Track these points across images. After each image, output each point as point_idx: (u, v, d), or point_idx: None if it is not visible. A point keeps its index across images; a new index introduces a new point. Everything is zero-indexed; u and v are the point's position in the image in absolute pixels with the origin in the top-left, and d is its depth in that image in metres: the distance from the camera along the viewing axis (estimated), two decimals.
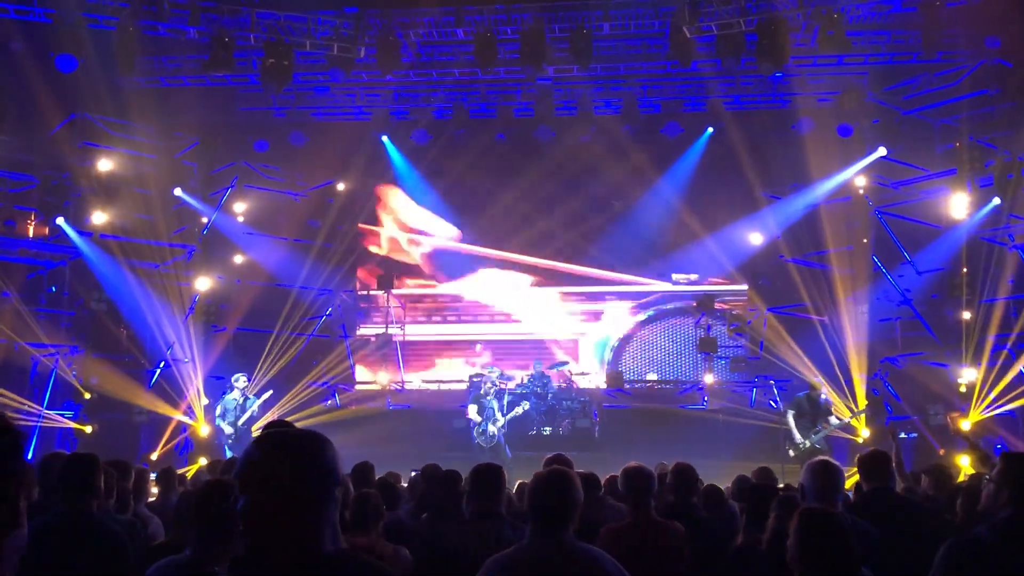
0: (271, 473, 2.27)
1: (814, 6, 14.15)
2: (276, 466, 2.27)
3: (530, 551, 3.61)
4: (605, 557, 3.61)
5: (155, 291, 17.06)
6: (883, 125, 16.80)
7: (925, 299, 16.75)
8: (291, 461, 2.29)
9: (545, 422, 16.39)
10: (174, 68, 16.59)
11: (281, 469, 2.27)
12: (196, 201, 17.79)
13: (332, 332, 19.34)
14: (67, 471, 4.64)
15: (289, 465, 2.28)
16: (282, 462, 2.28)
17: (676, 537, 4.95)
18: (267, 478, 2.26)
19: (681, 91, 18.07)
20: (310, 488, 2.29)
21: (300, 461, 2.30)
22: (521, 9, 15.15)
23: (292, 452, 2.31)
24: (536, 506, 3.66)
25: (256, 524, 2.26)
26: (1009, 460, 3.88)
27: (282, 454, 2.30)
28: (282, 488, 2.25)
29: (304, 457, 2.32)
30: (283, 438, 2.36)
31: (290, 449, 2.32)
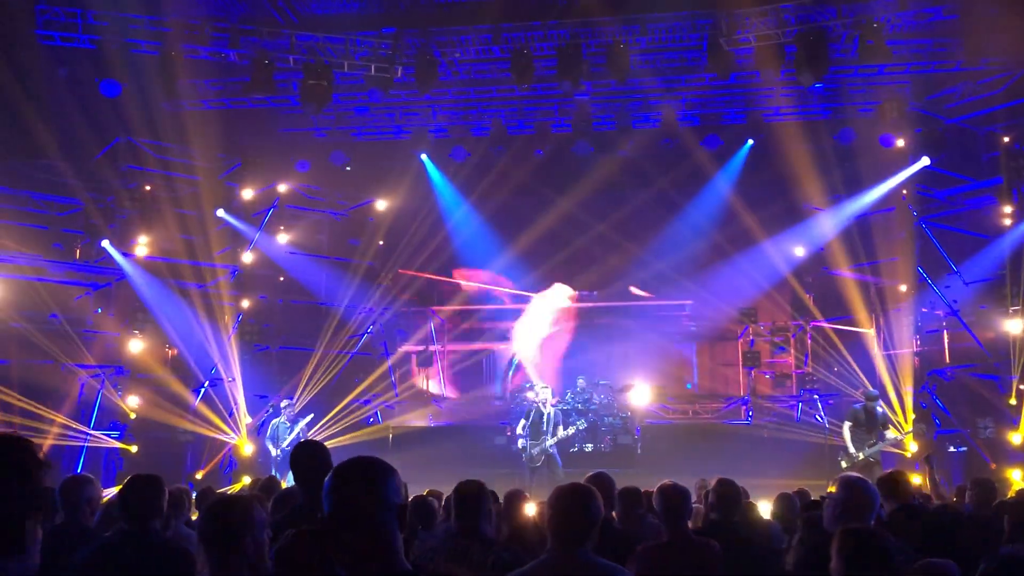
0: (356, 499, 2.52)
1: (853, 16, 14.02)
2: (359, 492, 2.53)
3: (547, 566, 3.59)
4: (625, 573, 3.58)
5: (199, 311, 17.26)
6: (926, 134, 16.56)
7: (973, 310, 16.44)
8: (370, 487, 2.54)
9: (587, 439, 16.30)
10: (216, 91, 16.83)
11: (363, 495, 2.52)
12: (239, 222, 18.00)
13: (374, 350, 19.43)
14: (132, 491, 4.65)
15: (368, 491, 2.53)
16: (363, 489, 2.53)
17: (712, 555, 4.88)
18: (353, 504, 2.51)
19: (720, 104, 17.96)
20: (388, 511, 2.53)
21: (376, 487, 2.54)
22: (557, 26, 15.18)
23: (369, 478, 2.56)
24: (554, 521, 3.65)
25: (343, 546, 2.49)
26: None
27: (361, 481, 2.55)
28: (367, 512, 2.50)
29: (379, 482, 2.56)
30: (358, 466, 2.60)
31: (367, 476, 2.57)
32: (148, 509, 4.61)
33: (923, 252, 16.99)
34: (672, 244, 19.55)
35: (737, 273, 19.37)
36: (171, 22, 14.62)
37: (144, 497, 4.63)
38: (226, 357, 17.17)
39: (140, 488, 4.66)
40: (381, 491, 2.53)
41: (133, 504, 4.59)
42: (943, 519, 5.31)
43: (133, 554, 4.39)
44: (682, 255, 19.59)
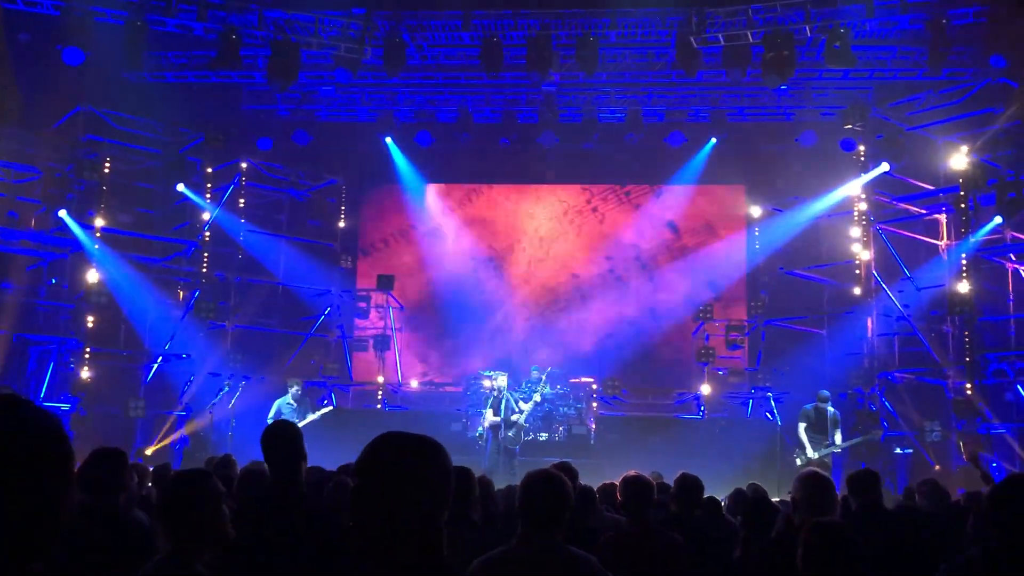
0: (408, 475, 2.25)
1: (821, 20, 14.21)
2: (414, 470, 2.26)
3: (519, 552, 3.61)
4: (594, 562, 3.63)
5: (155, 286, 17.06)
6: (887, 140, 16.82)
7: (924, 315, 16.76)
8: (426, 465, 2.28)
9: (541, 428, 16.37)
10: (180, 64, 16.62)
11: (415, 467, 2.26)
12: (199, 197, 17.78)
13: (330, 332, 19.33)
14: (94, 465, 4.60)
15: (426, 469, 2.28)
16: (420, 465, 2.27)
17: (675, 548, 4.96)
18: (403, 479, 2.24)
19: (686, 101, 18.14)
20: (441, 495, 2.29)
21: (433, 466, 2.30)
22: (528, 15, 15.21)
23: (425, 456, 2.30)
24: (527, 507, 3.66)
25: (380, 526, 2.23)
26: (1005, 485, 3.86)
27: (416, 457, 2.29)
28: (416, 492, 2.24)
29: (436, 462, 2.31)
30: (413, 441, 2.33)
31: (424, 454, 2.31)
32: (111, 483, 4.58)
33: (878, 256, 17.27)
34: (632, 237, 19.72)
35: (695, 270, 19.58)
36: None
37: (107, 471, 4.59)
38: (180, 333, 16.99)
39: (103, 461, 4.62)
40: (434, 465, 2.31)
41: (96, 478, 4.54)
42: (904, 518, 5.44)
43: (97, 529, 4.35)
44: (641, 249, 19.76)
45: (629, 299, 19.73)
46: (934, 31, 13.83)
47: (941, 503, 6.43)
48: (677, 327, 19.39)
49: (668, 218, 19.79)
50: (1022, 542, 3.60)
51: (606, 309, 19.72)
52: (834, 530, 3.60)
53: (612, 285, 19.82)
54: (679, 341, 19.29)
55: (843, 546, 3.52)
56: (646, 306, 19.65)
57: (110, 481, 4.60)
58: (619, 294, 19.72)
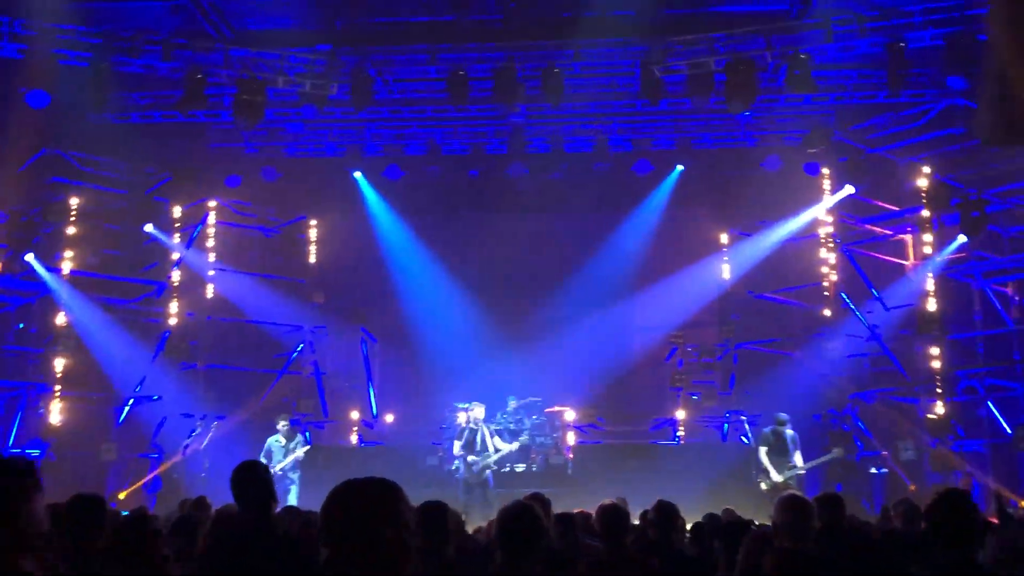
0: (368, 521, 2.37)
1: (781, 47, 14.40)
2: (378, 512, 2.39)
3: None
4: None
5: (125, 328, 16.93)
6: (850, 163, 17.08)
7: (894, 335, 16.94)
8: (383, 509, 2.41)
9: (519, 459, 16.33)
10: (146, 104, 16.56)
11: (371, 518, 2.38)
12: (167, 237, 17.72)
13: (303, 368, 19.22)
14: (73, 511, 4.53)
15: (383, 513, 2.40)
16: (384, 508, 2.41)
17: (652, 574, 4.96)
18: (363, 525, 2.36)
19: (651, 130, 18.29)
20: (399, 535, 2.39)
21: (391, 509, 2.42)
22: (493, 48, 15.30)
23: (380, 501, 2.43)
24: (503, 538, 3.76)
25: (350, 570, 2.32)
26: (938, 503, 3.85)
27: (373, 503, 2.42)
28: (379, 534, 2.35)
29: (390, 505, 2.44)
30: (367, 488, 2.46)
31: (378, 498, 2.44)
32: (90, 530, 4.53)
33: (846, 278, 17.45)
34: (604, 267, 19.78)
35: (666, 296, 19.66)
36: (102, 33, 14.39)
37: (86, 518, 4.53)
38: (151, 375, 16.85)
39: (82, 508, 4.57)
40: (393, 509, 2.44)
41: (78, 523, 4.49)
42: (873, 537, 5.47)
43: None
44: (613, 277, 19.81)
45: (603, 327, 19.72)
46: (892, 54, 14.05)
47: (915, 523, 6.46)
48: (650, 354, 19.44)
49: (637, 246, 19.86)
50: (960, 558, 3.64)
51: (581, 338, 19.70)
52: (794, 558, 3.63)
53: (585, 314, 19.82)
54: (653, 367, 19.34)
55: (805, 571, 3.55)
56: (619, 334, 19.68)
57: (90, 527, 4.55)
58: (593, 322, 19.72)
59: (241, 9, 15.30)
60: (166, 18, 15.26)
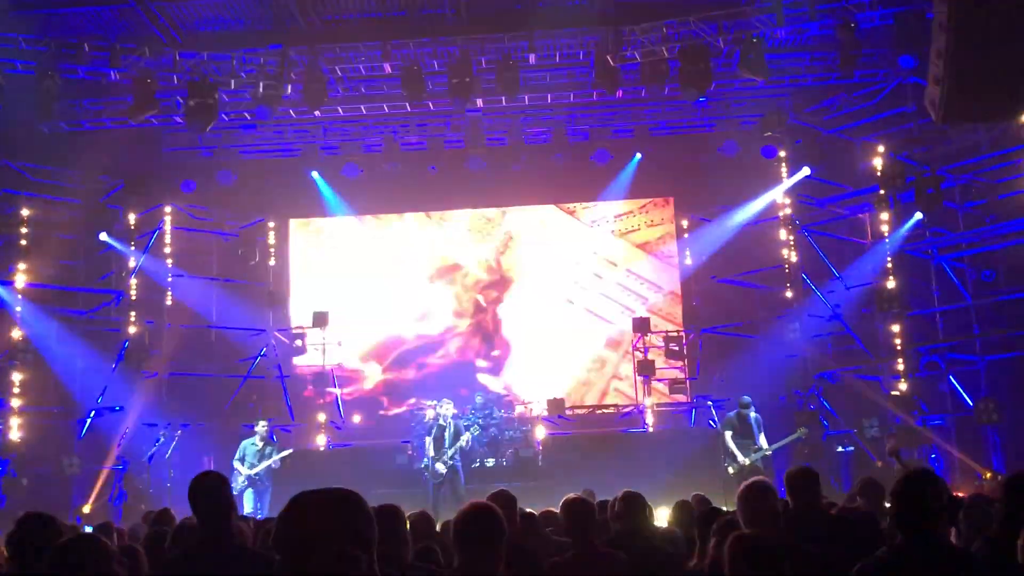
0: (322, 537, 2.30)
1: (734, 32, 14.44)
2: (333, 526, 2.31)
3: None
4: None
5: (83, 339, 16.68)
6: (806, 145, 17.20)
7: (855, 314, 17.07)
8: (344, 520, 2.34)
9: (488, 453, 16.28)
10: (96, 111, 16.34)
11: (328, 531, 2.31)
12: (123, 245, 17.46)
13: (267, 372, 19.02)
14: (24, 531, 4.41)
15: (337, 527, 2.32)
16: (339, 522, 2.33)
17: (620, 566, 4.93)
18: (318, 543, 2.29)
19: (608, 118, 18.33)
20: (357, 547, 2.33)
21: (343, 521, 2.34)
22: (447, 42, 15.23)
23: (341, 512, 2.36)
24: (461, 539, 3.73)
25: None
26: (900, 483, 3.88)
27: (331, 515, 2.34)
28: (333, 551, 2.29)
29: (347, 517, 2.36)
30: (320, 502, 2.38)
31: (333, 512, 2.36)
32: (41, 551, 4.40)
33: (806, 259, 17.57)
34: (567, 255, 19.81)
35: (629, 283, 19.70)
36: (47, 41, 14.14)
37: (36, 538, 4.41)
38: (112, 385, 16.61)
39: (33, 528, 4.44)
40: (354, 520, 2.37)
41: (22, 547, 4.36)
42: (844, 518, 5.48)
43: None
44: (576, 266, 19.83)
45: (569, 318, 19.75)
46: (844, 35, 14.13)
47: (878, 500, 6.50)
48: (616, 342, 19.48)
49: (599, 234, 19.90)
50: (923, 539, 3.65)
51: (547, 329, 19.72)
52: (752, 543, 3.61)
53: (552, 305, 19.82)
54: (619, 344, 19.38)
55: (763, 560, 3.54)
56: (585, 323, 19.70)
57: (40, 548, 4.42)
58: (559, 313, 19.74)
59: (189, 12, 15.10)
60: (113, 23, 15.06)
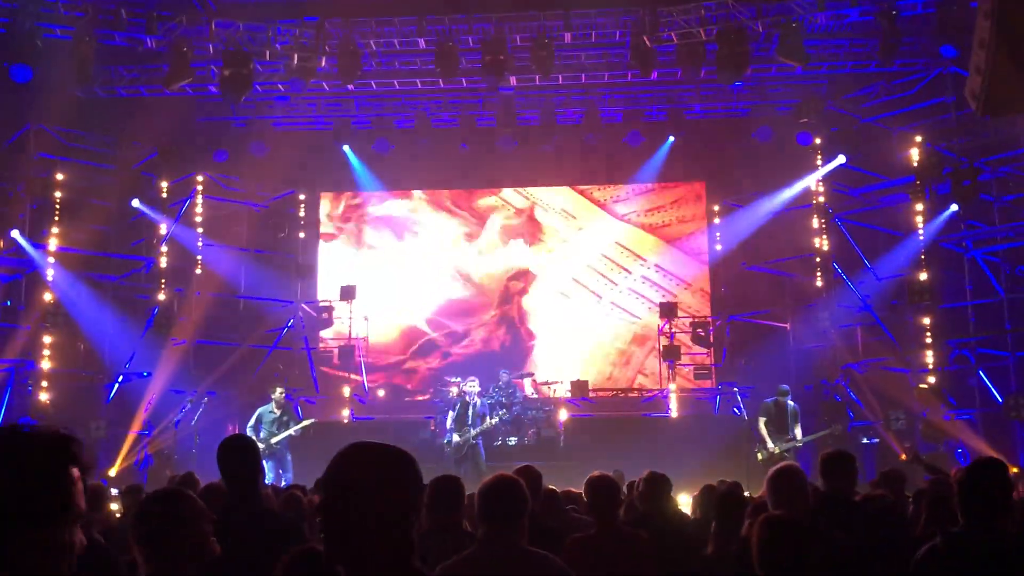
0: (371, 486, 2.27)
1: (773, 16, 14.30)
2: (377, 480, 2.28)
3: (479, 554, 3.67)
4: (554, 560, 3.66)
5: (113, 304, 16.83)
6: (842, 133, 17.00)
7: (885, 305, 16.92)
8: (388, 474, 2.31)
9: (511, 432, 16.30)
10: (131, 78, 16.40)
11: (383, 480, 2.29)
12: (154, 213, 17.57)
13: (294, 344, 19.14)
14: None
15: (388, 478, 2.30)
16: (382, 475, 2.30)
17: (642, 546, 4.92)
18: (366, 491, 2.26)
19: (642, 100, 18.20)
20: (406, 502, 2.31)
21: (395, 475, 2.32)
22: (482, 19, 15.18)
23: (387, 466, 2.33)
24: (485, 511, 3.73)
25: (349, 537, 2.25)
26: (966, 472, 3.87)
27: (378, 468, 2.31)
28: (380, 501, 2.26)
29: (398, 471, 2.33)
30: (375, 452, 2.36)
31: (386, 463, 2.34)
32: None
33: (838, 248, 17.41)
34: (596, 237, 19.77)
35: (658, 267, 19.62)
36: (85, 6, 14.21)
37: None
38: (141, 351, 16.77)
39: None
40: (398, 474, 2.33)
41: None
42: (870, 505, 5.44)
43: None
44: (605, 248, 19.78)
45: (594, 311, 19.70)
46: (884, 22, 13.96)
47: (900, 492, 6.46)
48: (643, 326, 19.42)
49: (630, 217, 19.82)
50: (986, 526, 3.61)
51: (574, 311, 19.70)
52: (785, 525, 3.58)
53: (579, 285, 19.79)
54: (644, 335, 19.32)
55: (795, 541, 3.51)
56: (612, 306, 19.65)
57: None
58: (585, 295, 19.71)
59: None
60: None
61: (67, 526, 1.84)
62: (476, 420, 13.96)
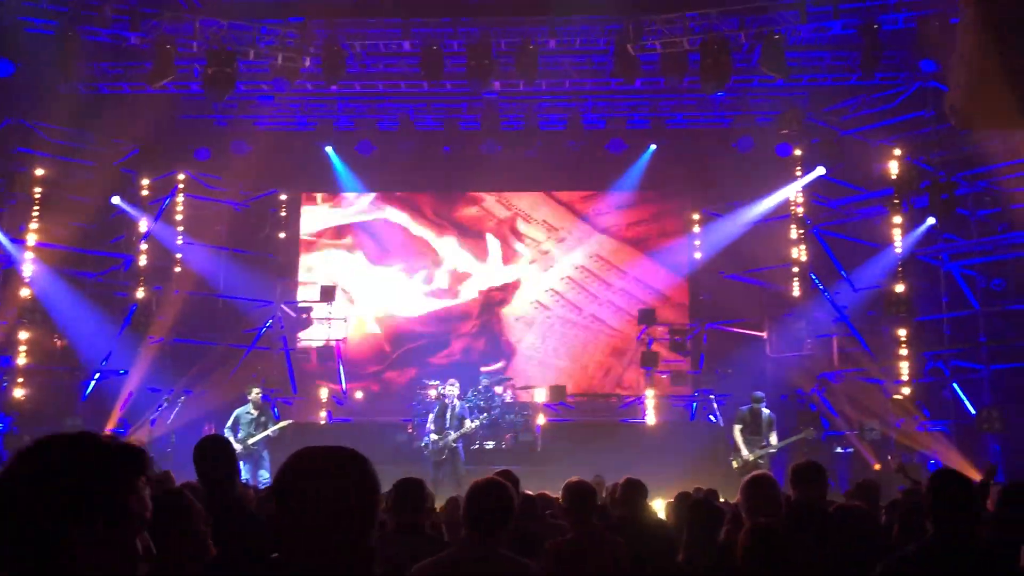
0: (319, 495, 2.20)
1: (756, 27, 14.41)
2: (331, 484, 2.21)
3: (456, 556, 3.70)
4: (531, 568, 3.70)
5: (91, 301, 16.73)
6: (822, 145, 17.15)
7: (861, 316, 17.06)
8: (337, 482, 2.23)
9: (488, 436, 16.33)
10: (114, 75, 16.33)
11: (335, 486, 2.21)
12: (135, 210, 17.49)
13: (272, 344, 19.09)
14: None
15: (343, 482, 2.23)
16: (336, 479, 2.23)
17: (619, 550, 4.97)
18: (315, 500, 2.19)
19: (625, 108, 18.27)
20: (358, 509, 2.23)
21: (343, 482, 2.24)
22: (468, 23, 15.22)
23: (333, 474, 2.25)
24: (472, 513, 3.74)
25: (306, 540, 2.18)
26: (933, 479, 3.93)
27: (326, 476, 2.24)
28: (330, 510, 2.19)
29: (346, 478, 2.26)
30: (321, 458, 2.30)
31: (333, 470, 2.26)
32: None
33: (815, 259, 17.55)
34: (576, 244, 19.86)
35: (637, 274, 19.72)
36: (69, 1, 14.14)
37: None
38: (118, 349, 16.68)
39: None
40: (353, 477, 2.27)
41: None
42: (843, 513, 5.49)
43: None
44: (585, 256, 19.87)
45: (574, 306, 19.78)
46: (866, 36, 14.10)
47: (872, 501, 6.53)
48: (621, 333, 19.50)
49: (610, 225, 19.91)
50: (956, 534, 3.68)
51: (552, 316, 19.76)
52: (770, 533, 3.64)
53: (558, 293, 19.86)
54: (623, 346, 19.40)
55: (780, 548, 3.56)
56: (590, 312, 19.72)
57: None
58: (564, 301, 19.77)
59: None
60: None
61: (135, 532, 1.89)
62: (455, 423, 13.93)
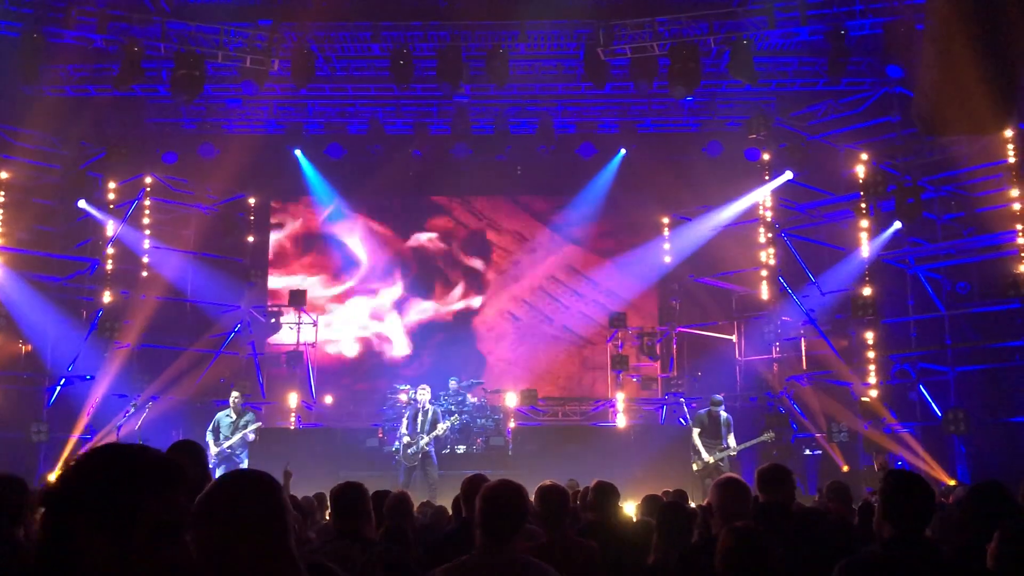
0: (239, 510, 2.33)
1: (724, 32, 14.50)
2: (244, 504, 2.35)
3: (481, 561, 3.65)
4: (553, 572, 3.67)
5: (56, 306, 16.54)
6: (790, 149, 17.28)
7: (829, 319, 17.20)
8: (248, 499, 2.37)
9: (459, 440, 16.29)
10: (80, 77, 16.15)
11: (246, 506, 2.34)
12: (101, 213, 17.30)
13: (241, 349, 18.94)
14: None
15: (248, 503, 2.36)
16: (245, 499, 2.36)
17: (591, 555, 4.96)
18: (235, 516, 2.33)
19: (595, 113, 18.33)
20: (275, 521, 2.35)
21: (256, 498, 2.37)
22: (438, 27, 15.21)
23: (249, 491, 2.39)
24: (487, 517, 3.68)
25: (226, 561, 2.29)
26: (887, 479, 3.94)
27: (245, 492, 2.38)
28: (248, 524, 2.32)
29: (259, 494, 2.39)
30: (227, 489, 2.42)
31: (248, 488, 2.40)
32: (10, 511, 4.39)
33: (784, 263, 17.68)
34: (546, 249, 19.88)
35: (607, 279, 19.78)
36: (33, 3, 13.99)
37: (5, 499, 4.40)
38: (84, 354, 16.49)
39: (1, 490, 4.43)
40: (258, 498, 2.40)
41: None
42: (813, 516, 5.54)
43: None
44: (555, 260, 19.90)
45: (545, 310, 19.82)
46: (833, 42, 14.24)
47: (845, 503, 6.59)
48: (591, 336, 19.56)
49: (579, 235, 19.97)
50: (911, 532, 3.71)
51: (522, 320, 19.78)
52: (749, 534, 3.65)
53: (527, 297, 19.88)
54: (593, 350, 19.45)
55: (759, 549, 3.58)
56: (561, 316, 19.77)
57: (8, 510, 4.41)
58: (534, 306, 19.79)
59: None
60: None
61: (172, 541, 1.94)
62: (428, 426, 13.87)
